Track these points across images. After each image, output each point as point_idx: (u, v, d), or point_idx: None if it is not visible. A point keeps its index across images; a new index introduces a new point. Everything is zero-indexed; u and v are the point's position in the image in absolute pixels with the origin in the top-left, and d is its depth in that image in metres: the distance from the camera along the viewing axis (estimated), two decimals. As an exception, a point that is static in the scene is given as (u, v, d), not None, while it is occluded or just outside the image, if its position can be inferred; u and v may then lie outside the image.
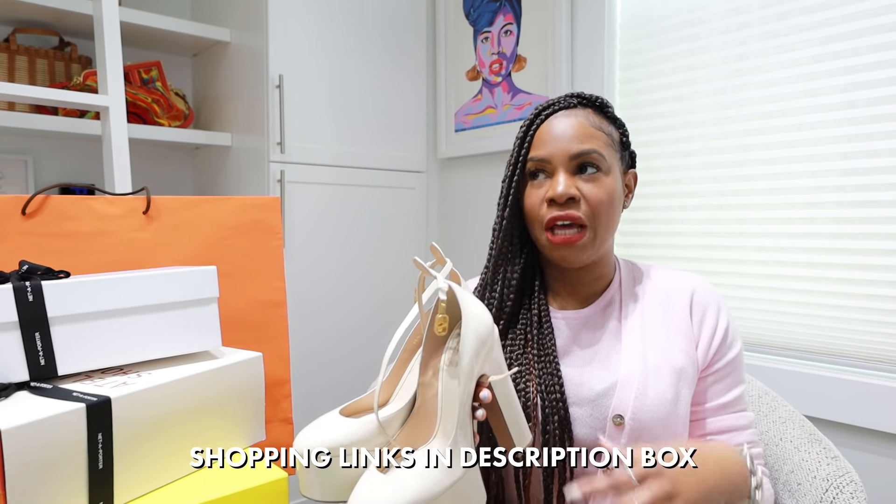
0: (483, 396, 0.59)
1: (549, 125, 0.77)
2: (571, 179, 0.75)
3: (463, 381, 0.58)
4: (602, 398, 0.75)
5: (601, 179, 0.75)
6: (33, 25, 1.61)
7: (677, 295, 0.81)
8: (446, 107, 1.96)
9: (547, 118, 0.78)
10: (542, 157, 0.76)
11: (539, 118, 0.78)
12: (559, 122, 0.77)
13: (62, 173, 1.71)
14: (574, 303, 0.83)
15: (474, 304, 0.62)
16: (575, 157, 0.75)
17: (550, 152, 0.76)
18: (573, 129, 0.76)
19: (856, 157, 1.16)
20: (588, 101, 0.80)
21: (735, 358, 0.80)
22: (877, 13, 1.13)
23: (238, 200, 0.96)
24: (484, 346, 0.60)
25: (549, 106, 0.79)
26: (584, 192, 0.75)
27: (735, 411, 0.79)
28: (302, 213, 1.69)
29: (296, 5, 1.65)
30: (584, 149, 0.75)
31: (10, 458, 0.50)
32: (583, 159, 0.75)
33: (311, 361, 1.71)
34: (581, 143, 0.75)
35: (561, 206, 0.74)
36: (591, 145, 0.75)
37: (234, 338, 0.93)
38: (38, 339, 0.60)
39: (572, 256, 0.76)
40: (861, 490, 0.81)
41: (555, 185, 0.74)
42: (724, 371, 0.79)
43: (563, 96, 0.80)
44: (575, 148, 0.75)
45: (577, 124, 0.76)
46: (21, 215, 0.80)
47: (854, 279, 1.17)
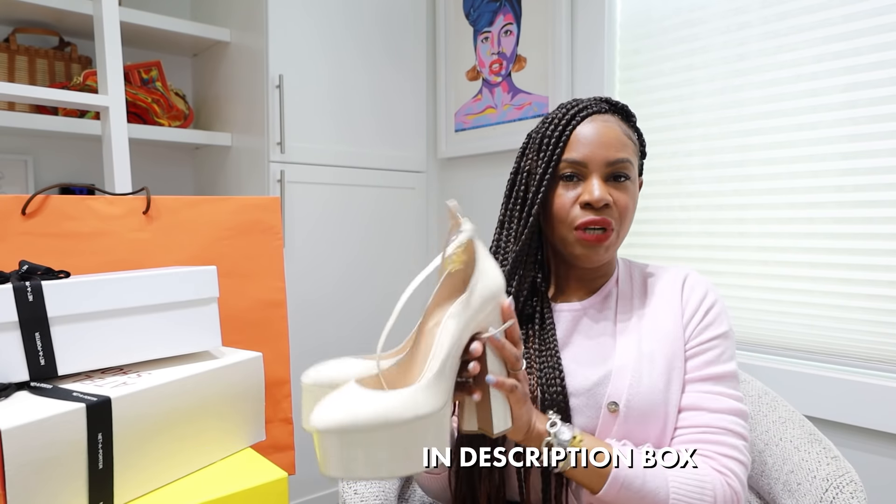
0: (472, 348, 0.59)
1: (586, 129, 0.78)
2: (605, 185, 0.77)
3: (457, 326, 0.58)
4: (597, 386, 0.76)
5: (629, 187, 0.78)
6: (33, 25, 1.61)
7: (671, 284, 0.83)
8: (446, 107, 1.96)
9: (582, 120, 0.79)
10: (579, 161, 0.77)
11: (575, 119, 0.79)
12: (595, 127, 0.78)
13: (62, 173, 1.71)
14: (576, 296, 0.85)
15: (490, 262, 0.63)
16: (611, 164, 0.77)
17: (587, 156, 0.77)
18: (610, 136, 0.77)
19: (856, 157, 1.16)
20: (617, 108, 0.82)
21: (716, 337, 0.78)
22: (877, 13, 1.13)
23: (238, 200, 0.96)
24: (489, 302, 0.61)
25: (582, 108, 0.80)
26: (615, 198, 0.77)
27: (707, 392, 0.76)
28: (302, 213, 1.69)
29: (296, 6, 1.65)
30: (620, 157, 0.77)
31: (10, 458, 0.50)
32: (617, 168, 0.77)
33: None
34: (618, 152, 0.77)
35: (597, 211, 0.76)
36: (625, 154, 0.77)
37: (234, 338, 0.93)
38: (38, 339, 0.60)
39: (596, 256, 0.78)
40: (861, 490, 0.81)
41: (591, 189, 0.76)
42: (702, 347, 0.78)
43: (591, 100, 0.81)
44: (613, 156, 0.76)
45: (613, 131, 0.78)
46: (21, 215, 0.80)
47: (854, 279, 1.17)
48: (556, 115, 0.80)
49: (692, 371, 0.77)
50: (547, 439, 0.68)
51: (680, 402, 0.76)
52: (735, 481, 0.71)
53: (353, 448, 0.51)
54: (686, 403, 0.76)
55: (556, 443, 0.68)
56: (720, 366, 0.77)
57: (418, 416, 0.53)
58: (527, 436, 0.68)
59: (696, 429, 0.74)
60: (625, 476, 0.68)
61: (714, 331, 0.78)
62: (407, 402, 0.53)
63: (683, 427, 0.75)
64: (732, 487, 0.71)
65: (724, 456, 0.72)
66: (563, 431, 0.68)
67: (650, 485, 0.68)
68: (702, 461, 0.72)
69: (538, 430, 0.68)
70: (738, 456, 0.73)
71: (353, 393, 0.53)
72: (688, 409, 0.76)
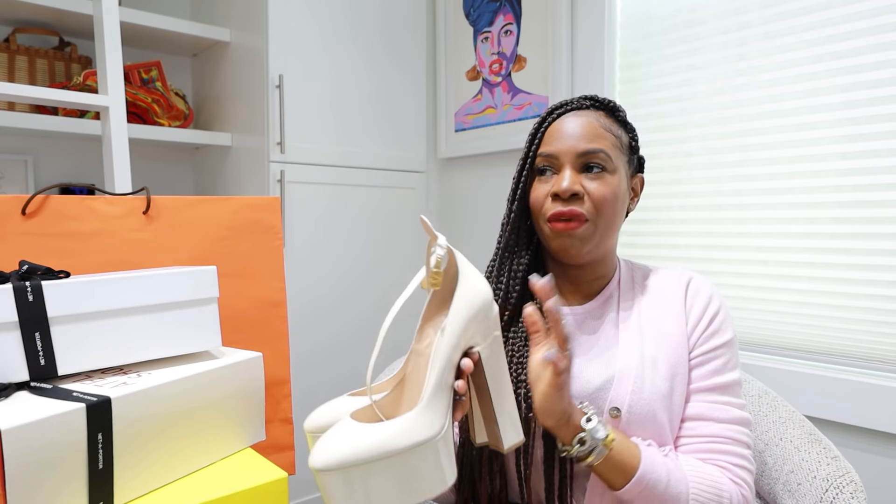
0: (463, 365, 0.58)
1: (560, 124, 0.79)
2: (577, 176, 0.77)
3: (446, 345, 0.56)
4: (599, 391, 0.76)
5: (606, 178, 0.77)
6: (33, 25, 1.61)
7: (674, 287, 0.82)
8: (446, 107, 1.96)
9: (559, 117, 0.80)
10: (550, 154, 0.78)
11: (551, 116, 0.81)
12: (569, 121, 0.79)
13: (62, 173, 1.71)
14: (575, 299, 0.84)
15: (473, 274, 0.62)
16: (582, 154, 0.77)
17: (558, 149, 0.77)
18: (582, 128, 0.78)
19: (856, 157, 1.16)
20: (600, 103, 0.82)
21: (721, 346, 0.78)
22: (877, 13, 1.13)
23: (238, 200, 0.96)
24: (476, 316, 0.59)
25: (561, 106, 0.81)
26: (588, 188, 0.76)
27: (713, 402, 0.76)
28: (302, 213, 1.69)
29: (296, 5, 1.65)
30: (591, 148, 0.76)
31: (10, 458, 0.50)
32: (589, 158, 0.77)
33: (311, 361, 1.71)
34: (588, 143, 0.77)
35: (565, 202, 0.76)
36: (598, 145, 0.77)
37: (234, 338, 0.93)
38: (38, 339, 0.60)
39: (573, 248, 0.77)
40: (861, 490, 0.81)
41: (560, 180, 0.76)
42: (707, 356, 0.78)
43: (576, 98, 0.82)
44: (582, 146, 0.76)
45: (586, 124, 0.78)
46: (21, 215, 0.80)
47: (854, 279, 1.17)
48: (541, 114, 0.81)
49: (698, 380, 0.77)
50: (581, 435, 0.67)
51: (683, 409, 0.76)
52: (747, 491, 0.73)
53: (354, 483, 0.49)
54: (692, 413, 0.76)
55: (589, 439, 0.67)
56: (725, 375, 0.77)
57: (417, 442, 0.51)
58: (559, 424, 0.67)
59: (704, 439, 0.74)
60: (649, 479, 0.68)
61: (719, 339, 0.78)
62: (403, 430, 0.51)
63: (691, 437, 0.75)
64: (745, 497, 0.72)
65: (736, 466, 0.73)
66: (598, 430, 0.68)
67: (672, 490, 0.68)
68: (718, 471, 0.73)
69: (573, 423, 0.67)
70: (747, 465, 0.74)
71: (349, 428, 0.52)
72: (695, 419, 0.76)
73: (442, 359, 0.56)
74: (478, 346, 0.60)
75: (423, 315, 0.63)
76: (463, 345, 0.59)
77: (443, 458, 0.54)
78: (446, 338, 0.57)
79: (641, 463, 0.68)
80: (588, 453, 0.67)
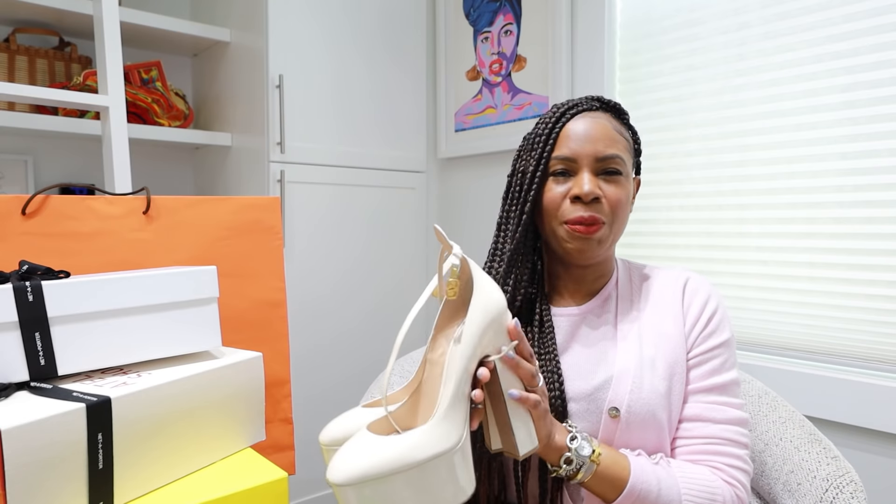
0: (479, 374, 0.58)
1: (575, 125, 0.78)
2: (595, 179, 0.77)
3: (462, 355, 0.56)
4: (598, 392, 0.76)
5: (620, 181, 0.78)
6: (33, 25, 1.61)
7: (672, 287, 0.82)
8: (446, 107, 1.96)
9: (571, 118, 0.79)
10: (568, 157, 0.77)
11: (564, 117, 0.80)
12: (585, 123, 0.78)
13: (62, 173, 1.71)
14: (574, 300, 0.84)
15: (487, 282, 0.62)
16: (601, 159, 0.77)
17: (577, 152, 0.77)
18: (598, 131, 0.77)
19: (856, 157, 1.16)
20: (608, 105, 0.82)
21: (719, 346, 0.78)
22: (877, 13, 1.13)
23: (238, 200, 0.96)
24: (491, 325, 0.59)
25: (573, 106, 0.80)
26: (606, 192, 0.77)
27: (711, 402, 0.76)
28: (302, 213, 1.69)
29: (296, 5, 1.65)
30: (610, 153, 0.77)
31: (10, 458, 0.50)
32: (607, 163, 0.77)
33: (311, 361, 1.71)
34: (607, 147, 0.77)
35: (586, 206, 0.76)
36: (616, 150, 0.77)
37: (234, 338, 0.93)
38: (38, 339, 0.60)
39: (590, 251, 0.77)
40: (861, 490, 0.81)
41: (581, 183, 0.76)
42: (705, 356, 0.78)
43: (583, 98, 0.82)
44: (602, 151, 0.76)
45: (601, 127, 0.78)
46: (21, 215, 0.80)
47: (854, 279, 1.17)
48: (548, 114, 0.81)
49: (695, 381, 0.77)
50: (566, 455, 0.68)
51: (681, 409, 0.76)
52: (742, 491, 0.73)
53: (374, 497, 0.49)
54: (690, 414, 0.76)
55: (575, 458, 0.68)
56: (723, 375, 0.77)
57: (436, 454, 0.51)
58: (546, 448, 0.68)
59: (701, 440, 0.74)
60: (640, 489, 0.68)
61: (717, 339, 0.78)
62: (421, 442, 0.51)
63: (688, 438, 0.75)
64: (740, 497, 0.72)
65: (731, 467, 0.73)
66: (583, 447, 0.68)
67: (664, 497, 0.69)
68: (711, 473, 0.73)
69: (557, 444, 0.68)
70: (743, 466, 0.74)
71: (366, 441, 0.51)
72: (692, 420, 0.76)
73: (458, 369, 0.56)
74: (493, 356, 0.60)
75: (436, 324, 0.63)
76: (479, 354, 0.58)
77: (461, 468, 0.54)
78: (462, 347, 0.56)
79: (631, 474, 0.69)
80: (576, 471, 0.68)
